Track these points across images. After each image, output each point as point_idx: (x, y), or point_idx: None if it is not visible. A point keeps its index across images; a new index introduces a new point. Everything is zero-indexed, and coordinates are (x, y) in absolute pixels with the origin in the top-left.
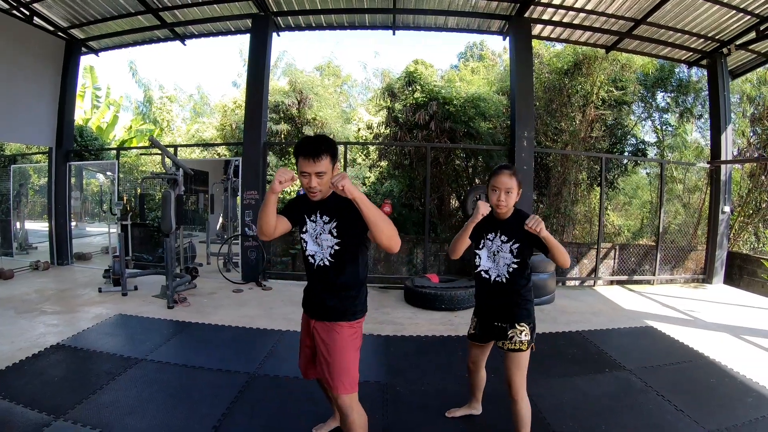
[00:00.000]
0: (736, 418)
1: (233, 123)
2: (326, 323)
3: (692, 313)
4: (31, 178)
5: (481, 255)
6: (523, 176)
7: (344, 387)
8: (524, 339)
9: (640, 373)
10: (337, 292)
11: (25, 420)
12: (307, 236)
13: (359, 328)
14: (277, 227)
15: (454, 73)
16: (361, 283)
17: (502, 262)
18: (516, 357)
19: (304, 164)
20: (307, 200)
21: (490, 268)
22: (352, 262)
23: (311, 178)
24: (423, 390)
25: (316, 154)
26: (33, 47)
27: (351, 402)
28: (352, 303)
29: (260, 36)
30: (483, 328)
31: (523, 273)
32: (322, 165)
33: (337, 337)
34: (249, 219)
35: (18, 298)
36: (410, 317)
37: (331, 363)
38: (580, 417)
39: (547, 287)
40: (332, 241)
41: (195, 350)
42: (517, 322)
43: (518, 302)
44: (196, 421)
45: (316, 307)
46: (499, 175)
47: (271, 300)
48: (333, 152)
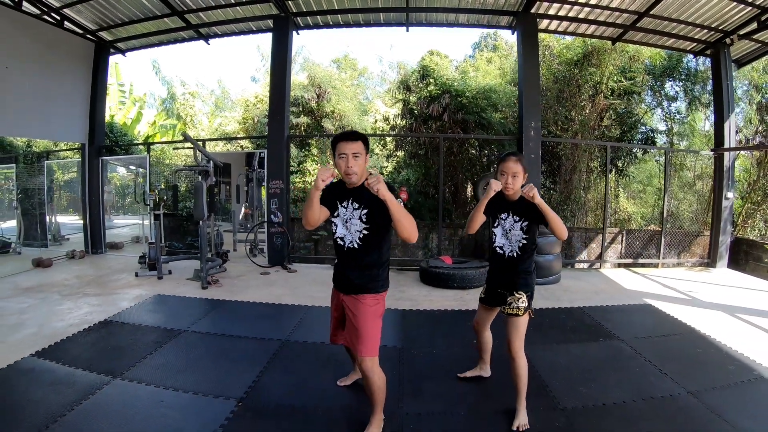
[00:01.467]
0: (715, 382)
1: (255, 117)
2: (353, 296)
3: (691, 294)
4: (55, 174)
5: (496, 233)
6: (531, 164)
7: (367, 350)
8: (521, 305)
9: (631, 342)
10: (363, 270)
11: (87, 380)
12: (338, 220)
13: (382, 300)
14: (321, 216)
15: (469, 64)
16: (384, 263)
17: (514, 238)
18: (514, 321)
19: (343, 146)
20: (338, 188)
21: (504, 245)
22: (378, 245)
23: (348, 159)
24: (434, 353)
25: (355, 137)
26: (64, 50)
27: (372, 365)
28: (376, 279)
29: (281, 36)
30: (490, 294)
31: (531, 249)
32: (358, 146)
33: (362, 308)
34: (275, 207)
35: (60, 284)
36: (425, 295)
37: (357, 329)
38: (571, 376)
39: (552, 268)
40: (361, 226)
41: (230, 323)
42: (516, 290)
43: (519, 273)
44: (237, 377)
45: (344, 283)
46: (506, 161)
47: (296, 281)
48: (366, 141)
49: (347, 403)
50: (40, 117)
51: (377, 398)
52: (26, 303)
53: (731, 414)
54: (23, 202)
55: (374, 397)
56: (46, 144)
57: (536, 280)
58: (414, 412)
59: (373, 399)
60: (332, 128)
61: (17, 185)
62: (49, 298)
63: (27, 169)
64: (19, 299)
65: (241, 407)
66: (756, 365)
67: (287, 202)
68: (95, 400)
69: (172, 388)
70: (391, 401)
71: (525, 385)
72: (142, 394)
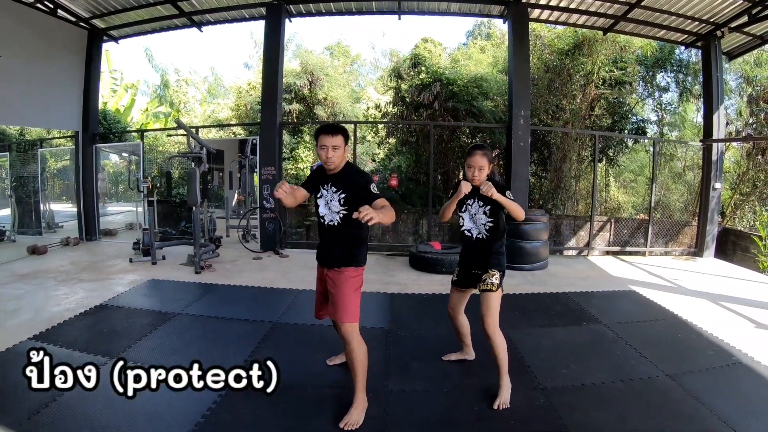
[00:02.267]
0: (693, 366)
1: (248, 104)
2: (335, 269)
3: (676, 281)
4: (47, 162)
5: (464, 217)
6: (520, 152)
7: (347, 317)
8: (494, 282)
9: (613, 327)
10: (343, 247)
11: (84, 361)
12: (321, 201)
13: (361, 273)
14: (296, 198)
15: (462, 53)
16: (362, 241)
17: (480, 222)
18: (488, 297)
19: (324, 139)
20: (321, 173)
21: (472, 228)
22: (356, 224)
23: (328, 150)
24: (421, 335)
25: (334, 131)
26: (57, 38)
27: (352, 331)
28: (355, 255)
29: (273, 23)
30: (464, 275)
31: (498, 231)
32: (337, 140)
33: (343, 279)
34: (267, 193)
35: (55, 270)
36: (414, 279)
37: (337, 299)
38: (553, 358)
39: (539, 254)
40: (339, 208)
41: (223, 306)
42: (490, 268)
43: (492, 254)
44: (230, 356)
45: (326, 257)
46: (473, 156)
47: (288, 265)
48: (345, 134)
49: (336, 381)
50: (35, 105)
51: (358, 370)
52: (23, 289)
53: (707, 396)
54: (17, 190)
55: (355, 368)
56: (39, 132)
57: (524, 266)
58: (399, 390)
59: (354, 369)
60: (324, 115)
61: (11, 174)
62: (45, 284)
63: (20, 158)
64: (16, 285)
65: None
66: (735, 351)
67: None
68: None
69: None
70: (377, 380)
71: (505, 362)
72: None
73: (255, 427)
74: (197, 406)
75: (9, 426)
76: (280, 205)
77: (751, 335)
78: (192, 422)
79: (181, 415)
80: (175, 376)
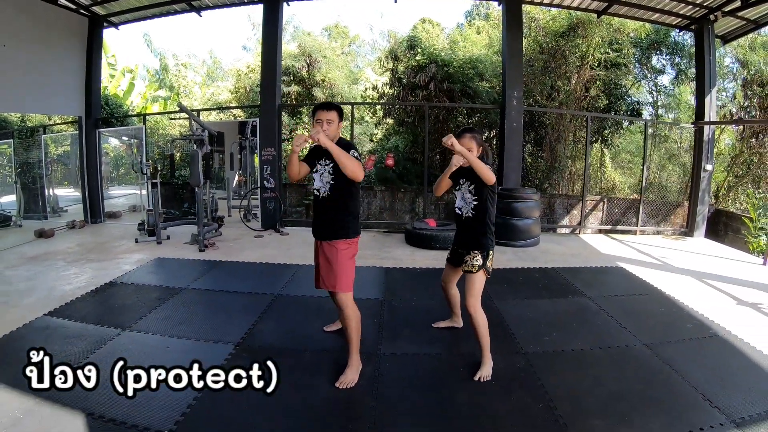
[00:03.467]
0: (670, 337)
1: (247, 86)
2: (328, 241)
3: (664, 259)
4: (49, 148)
5: (456, 195)
6: (512, 132)
7: (341, 286)
8: (475, 263)
9: (597, 300)
10: (335, 217)
11: (99, 333)
12: (316, 175)
13: (354, 244)
14: (300, 171)
15: (459, 33)
16: (353, 213)
17: (467, 200)
18: (468, 278)
19: (319, 114)
20: (317, 149)
21: (462, 206)
22: (346, 196)
23: (323, 123)
24: (413, 305)
25: (329, 107)
26: (58, 25)
27: (347, 299)
28: (346, 226)
29: (271, 7)
30: (453, 254)
31: (483, 211)
32: (332, 115)
33: (336, 251)
34: (267, 173)
35: (63, 252)
36: (409, 254)
37: (331, 268)
38: (536, 327)
39: (531, 231)
40: (329, 178)
41: (227, 280)
42: (471, 249)
43: (475, 235)
44: (234, 326)
45: (320, 230)
46: (462, 138)
47: (288, 243)
48: (340, 111)
49: (331, 346)
50: (38, 92)
51: (353, 334)
52: (33, 270)
53: (681, 365)
54: (21, 176)
55: (350, 333)
56: (41, 118)
57: (516, 243)
58: (390, 353)
59: (349, 334)
60: (322, 96)
61: (15, 160)
62: (55, 265)
63: (22, 144)
64: (27, 267)
65: (238, 349)
66: (714, 325)
67: (279, 169)
68: (108, 348)
69: (176, 336)
70: (370, 345)
71: (486, 339)
72: (150, 342)
73: None
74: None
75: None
76: (280, 184)
77: (731, 311)
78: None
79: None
80: (175, 377)
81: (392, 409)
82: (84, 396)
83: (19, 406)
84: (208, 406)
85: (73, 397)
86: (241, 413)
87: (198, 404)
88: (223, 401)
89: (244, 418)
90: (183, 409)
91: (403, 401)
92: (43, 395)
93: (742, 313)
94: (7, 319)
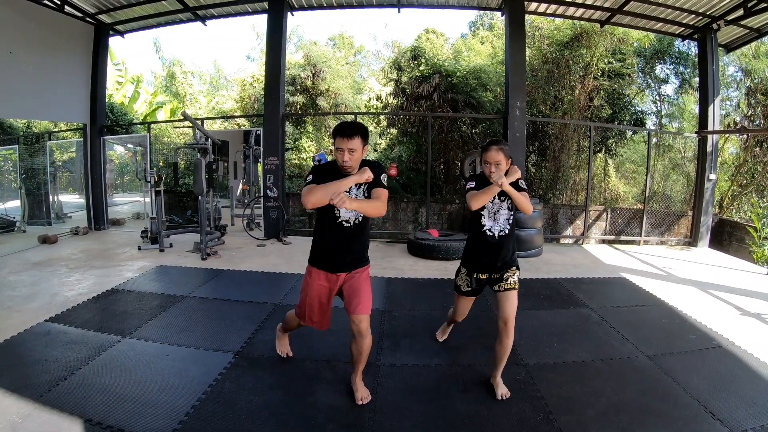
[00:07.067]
0: (673, 348)
1: (252, 96)
2: (355, 270)
3: (667, 270)
4: (54, 154)
5: (483, 214)
6: (515, 142)
7: (368, 309)
8: (517, 280)
9: (599, 311)
10: (364, 244)
11: (99, 339)
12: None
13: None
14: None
15: (463, 44)
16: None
17: (503, 218)
18: (513, 296)
19: (340, 142)
20: (337, 172)
21: (493, 226)
22: (367, 223)
23: (345, 153)
24: (414, 315)
25: (351, 134)
26: (65, 33)
27: (368, 323)
28: (366, 252)
29: (276, 17)
30: (479, 281)
31: (515, 224)
32: (354, 143)
33: (363, 277)
34: (270, 182)
35: (67, 258)
36: (411, 264)
37: (362, 294)
38: (537, 337)
39: (534, 241)
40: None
41: (229, 289)
42: (511, 266)
43: (511, 252)
44: (235, 334)
45: (349, 260)
46: (489, 151)
47: (290, 252)
48: (364, 134)
49: (332, 355)
50: (44, 99)
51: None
52: (37, 276)
53: (683, 376)
54: (26, 182)
55: (364, 356)
56: (46, 125)
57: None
58: (390, 363)
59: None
60: (327, 106)
61: (21, 166)
62: (58, 271)
63: (28, 150)
64: (30, 272)
65: (237, 358)
66: (717, 336)
67: (283, 178)
68: (108, 355)
69: (176, 344)
70: (370, 355)
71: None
72: (149, 349)
73: (258, 394)
74: (205, 375)
75: (30, 397)
76: (283, 194)
77: (735, 321)
78: (200, 391)
79: (190, 383)
80: None
81: (391, 420)
82: (83, 402)
83: (18, 411)
84: (207, 414)
85: (72, 402)
86: (240, 422)
87: (196, 412)
88: (221, 410)
89: (242, 427)
90: (181, 417)
91: (403, 412)
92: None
93: (745, 324)
94: (9, 324)
